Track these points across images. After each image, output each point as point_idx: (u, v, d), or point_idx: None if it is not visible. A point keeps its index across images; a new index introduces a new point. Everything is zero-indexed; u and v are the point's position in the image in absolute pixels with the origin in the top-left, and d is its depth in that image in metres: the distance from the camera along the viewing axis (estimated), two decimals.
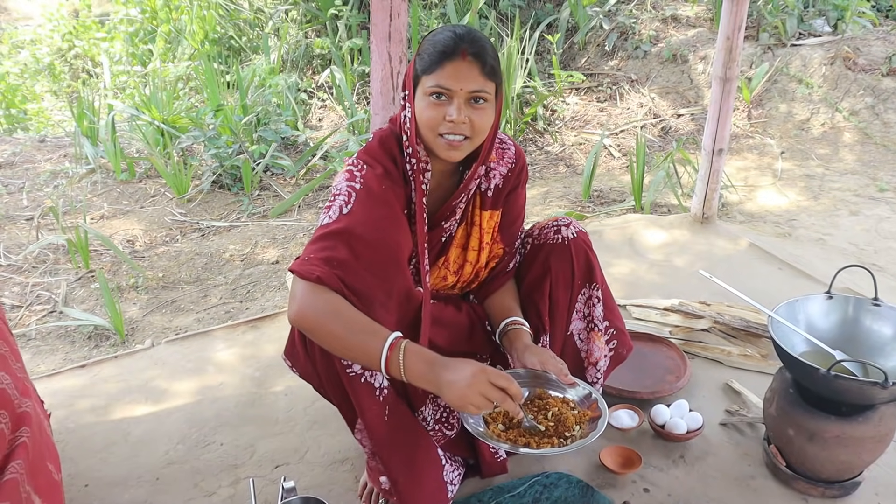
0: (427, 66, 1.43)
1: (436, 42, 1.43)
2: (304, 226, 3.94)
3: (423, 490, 1.55)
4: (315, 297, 1.34)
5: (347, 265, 1.38)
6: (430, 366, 1.34)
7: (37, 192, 4.26)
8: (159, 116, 4.71)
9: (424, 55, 1.44)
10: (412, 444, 1.55)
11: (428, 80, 1.43)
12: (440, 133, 1.45)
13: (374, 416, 1.49)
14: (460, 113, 1.42)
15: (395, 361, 1.33)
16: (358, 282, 1.39)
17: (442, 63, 1.41)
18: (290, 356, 1.58)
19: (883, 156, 4.62)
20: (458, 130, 1.44)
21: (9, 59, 6.72)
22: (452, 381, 1.32)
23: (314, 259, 1.37)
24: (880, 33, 5.44)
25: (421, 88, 1.45)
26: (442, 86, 1.41)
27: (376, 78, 2.04)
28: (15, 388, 1.33)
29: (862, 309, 1.78)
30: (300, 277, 1.36)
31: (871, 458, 1.68)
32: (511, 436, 1.47)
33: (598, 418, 1.49)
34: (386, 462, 1.52)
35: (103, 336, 2.92)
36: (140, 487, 1.83)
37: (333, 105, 5.48)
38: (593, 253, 1.74)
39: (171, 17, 6.08)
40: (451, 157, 1.48)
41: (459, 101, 1.43)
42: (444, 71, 1.41)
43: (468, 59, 1.41)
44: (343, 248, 1.39)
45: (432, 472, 1.58)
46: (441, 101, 1.43)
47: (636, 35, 5.75)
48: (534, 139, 5.20)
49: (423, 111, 1.45)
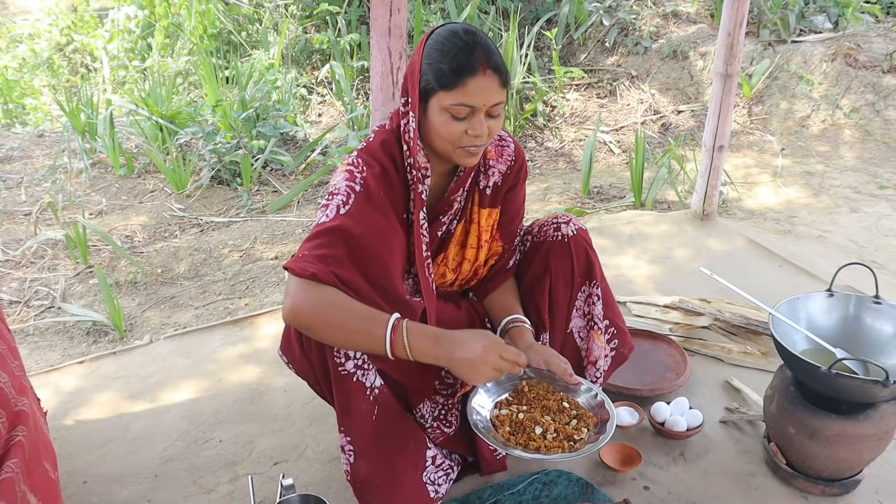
0: (446, 82, 1.39)
1: (448, 52, 1.39)
2: (304, 221, 3.93)
3: (401, 492, 1.54)
4: (310, 292, 1.33)
5: (343, 262, 1.38)
6: (435, 342, 1.36)
7: (35, 188, 4.25)
8: (158, 112, 4.69)
9: (439, 67, 1.39)
10: (397, 445, 1.54)
11: (447, 98, 1.39)
12: (460, 146, 1.45)
13: (362, 414, 1.48)
14: (483, 127, 1.42)
15: (400, 342, 1.34)
16: (353, 279, 1.38)
17: (463, 80, 1.38)
18: (286, 352, 1.58)
19: (883, 153, 4.62)
20: (480, 142, 1.44)
21: (7, 54, 6.70)
22: (463, 357, 1.34)
23: (308, 256, 1.37)
24: (881, 30, 5.43)
25: (437, 103, 1.41)
26: (466, 104, 1.39)
27: (376, 73, 2.03)
28: (12, 387, 1.32)
29: (863, 307, 1.78)
30: (294, 274, 1.35)
31: (872, 457, 1.68)
32: (521, 440, 1.46)
33: (606, 421, 1.48)
34: (367, 464, 1.51)
35: (102, 332, 2.92)
36: (139, 484, 1.82)
37: (333, 100, 5.46)
38: (593, 250, 1.73)
39: (170, 12, 6.05)
40: (470, 163, 1.49)
41: (481, 115, 1.42)
42: (467, 89, 1.38)
43: (488, 74, 1.39)
44: (339, 246, 1.38)
45: (413, 474, 1.56)
46: (463, 118, 1.42)
47: (636, 31, 5.74)
48: (533, 135, 5.18)
49: (442, 126, 1.42)
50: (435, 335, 1.37)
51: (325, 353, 1.45)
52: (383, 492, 1.52)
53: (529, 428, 1.48)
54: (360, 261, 1.40)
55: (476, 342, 1.36)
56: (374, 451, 1.51)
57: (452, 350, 1.35)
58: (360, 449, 1.50)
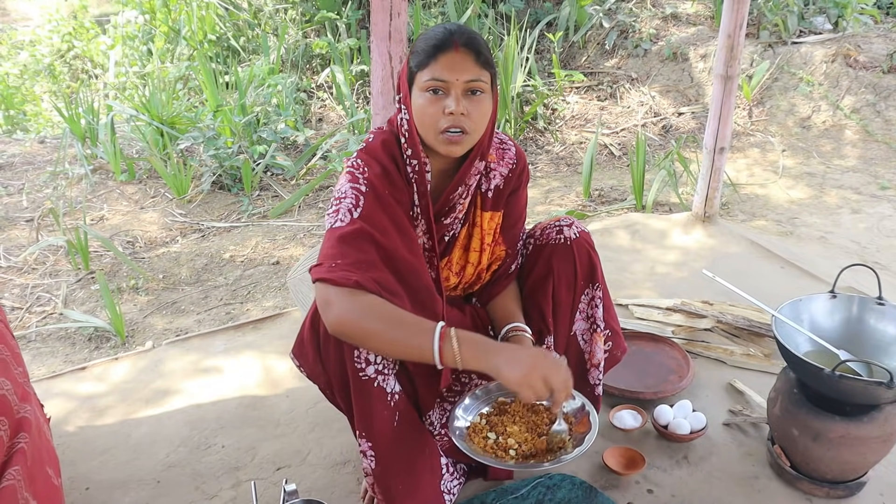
0: (420, 60, 1.42)
1: (427, 38, 1.44)
2: (305, 226, 3.93)
3: (420, 498, 1.54)
4: (353, 301, 1.33)
5: (376, 265, 1.38)
6: (485, 352, 1.34)
7: (36, 194, 4.26)
8: (158, 117, 4.70)
9: (417, 52, 1.44)
10: (417, 453, 1.54)
11: (423, 75, 1.42)
12: (440, 130, 1.43)
13: (383, 421, 1.47)
14: (458, 104, 1.41)
15: (450, 351, 1.33)
16: (387, 280, 1.39)
17: (435, 56, 1.41)
18: (298, 356, 1.57)
19: (884, 153, 4.61)
20: (458, 123, 1.42)
21: (8, 61, 6.71)
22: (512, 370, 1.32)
23: (343, 264, 1.35)
24: (881, 31, 5.43)
25: (417, 86, 1.44)
26: (437, 77, 1.41)
27: (376, 77, 2.03)
28: (15, 394, 1.32)
29: (866, 308, 1.77)
30: (335, 285, 1.33)
31: (876, 459, 1.67)
32: (498, 450, 1.47)
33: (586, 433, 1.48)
34: (387, 470, 1.51)
35: (104, 338, 2.92)
36: (141, 490, 1.82)
37: (333, 105, 5.47)
38: (595, 253, 1.72)
39: (170, 18, 6.07)
40: (452, 151, 1.47)
41: (457, 91, 1.42)
42: (439, 63, 1.40)
43: (461, 50, 1.41)
44: (369, 249, 1.38)
45: (431, 481, 1.57)
46: (438, 96, 1.42)
47: (636, 33, 5.74)
48: (534, 138, 5.19)
49: (421, 109, 1.44)
50: (485, 346, 1.36)
51: (345, 359, 1.44)
52: (404, 497, 1.53)
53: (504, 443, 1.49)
54: (389, 260, 1.40)
55: (523, 359, 1.34)
56: (395, 456, 1.51)
57: (500, 363, 1.33)
58: (381, 454, 1.50)
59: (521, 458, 1.46)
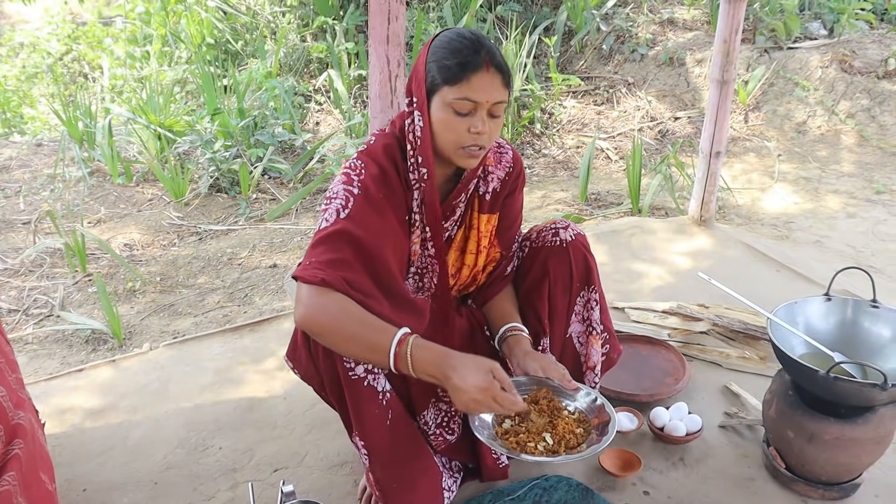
0: (449, 76, 1.41)
1: (454, 50, 1.41)
2: (302, 229, 3.94)
3: (416, 495, 1.55)
4: (321, 298, 1.34)
5: (351, 265, 1.38)
6: (438, 364, 1.34)
7: (34, 196, 4.26)
8: (156, 120, 4.71)
9: (444, 64, 1.41)
10: (411, 450, 1.55)
11: (451, 92, 1.41)
12: (463, 145, 1.45)
13: (375, 420, 1.48)
14: (485, 125, 1.43)
15: (404, 357, 1.33)
16: (361, 281, 1.39)
17: (467, 75, 1.40)
18: (291, 358, 1.58)
19: (880, 158, 4.64)
20: (481, 142, 1.45)
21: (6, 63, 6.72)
22: (459, 388, 1.32)
23: (316, 263, 1.37)
24: (876, 36, 5.46)
25: (441, 98, 1.43)
26: (470, 98, 1.41)
27: (374, 81, 2.04)
28: (9, 401, 1.33)
29: (860, 311, 1.78)
30: (304, 282, 1.35)
31: (871, 460, 1.68)
32: (521, 440, 1.46)
33: (606, 423, 1.48)
34: (382, 468, 1.52)
35: (101, 340, 2.92)
36: (138, 492, 1.82)
37: (331, 108, 5.48)
38: (591, 255, 1.73)
39: (168, 21, 6.07)
40: (470, 164, 1.49)
41: (483, 113, 1.43)
42: (471, 84, 1.40)
43: (492, 71, 1.41)
44: (346, 249, 1.39)
45: (428, 481, 1.58)
46: (465, 115, 1.43)
47: (633, 38, 5.76)
48: (531, 142, 5.20)
49: (445, 124, 1.43)
50: (440, 357, 1.35)
51: (334, 358, 1.45)
52: (400, 493, 1.53)
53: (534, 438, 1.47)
54: (366, 262, 1.40)
55: (474, 376, 1.32)
56: (389, 454, 1.51)
57: (451, 377, 1.32)
58: (375, 453, 1.51)
59: (549, 452, 1.44)
